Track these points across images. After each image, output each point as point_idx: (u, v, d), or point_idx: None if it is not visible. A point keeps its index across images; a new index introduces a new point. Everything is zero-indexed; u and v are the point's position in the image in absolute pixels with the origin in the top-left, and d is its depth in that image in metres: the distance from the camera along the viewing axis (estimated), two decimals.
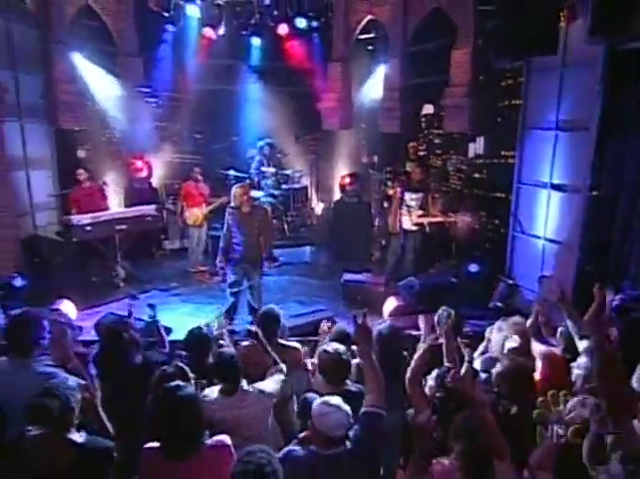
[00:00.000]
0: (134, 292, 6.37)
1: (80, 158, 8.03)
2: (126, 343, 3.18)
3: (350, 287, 6.67)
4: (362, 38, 8.91)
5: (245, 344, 3.68)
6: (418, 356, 2.77)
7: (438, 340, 2.98)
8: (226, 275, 5.68)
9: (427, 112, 8.51)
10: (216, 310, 4.14)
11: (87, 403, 2.51)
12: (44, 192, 7.52)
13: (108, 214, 7.07)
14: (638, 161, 4.80)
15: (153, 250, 8.48)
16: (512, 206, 6.64)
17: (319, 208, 10.15)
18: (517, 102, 6.49)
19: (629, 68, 4.76)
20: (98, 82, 7.98)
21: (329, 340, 3.45)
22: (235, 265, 5.60)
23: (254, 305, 5.59)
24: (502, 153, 6.95)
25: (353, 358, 2.98)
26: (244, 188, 5.62)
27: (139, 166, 8.53)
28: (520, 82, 6.38)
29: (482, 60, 6.71)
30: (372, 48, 9.17)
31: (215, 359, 3.05)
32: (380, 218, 8.54)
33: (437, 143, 8.47)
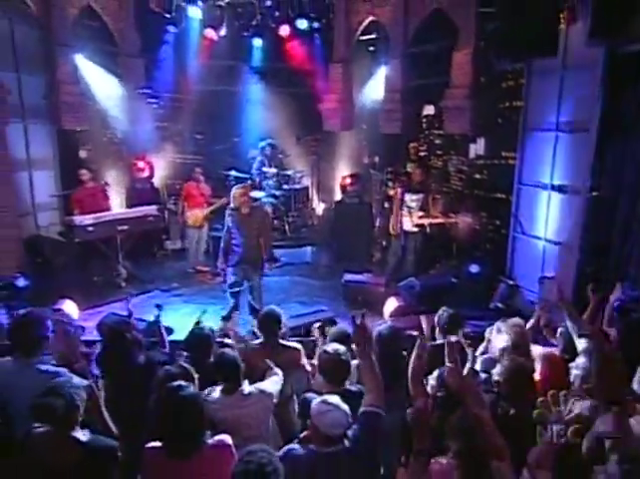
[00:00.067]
0: (132, 293, 6.36)
1: (82, 158, 8.04)
2: (128, 343, 3.19)
3: (351, 288, 6.70)
4: (363, 39, 8.91)
5: (247, 345, 3.70)
6: (414, 356, 2.79)
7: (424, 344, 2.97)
8: (227, 276, 5.70)
9: (427, 113, 8.48)
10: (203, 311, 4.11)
11: (91, 403, 2.53)
12: (46, 192, 7.55)
13: (110, 214, 7.09)
14: (638, 163, 4.80)
15: (154, 251, 8.49)
16: (513, 206, 6.65)
17: (320, 208, 10.14)
18: (518, 103, 6.50)
19: (629, 70, 4.77)
20: (99, 82, 8.00)
21: (329, 341, 3.47)
22: (235, 266, 5.61)
23: (255, 306, 5.61)
24: (503, 154, 6.96)
25: (353, 359, 2.99)
26: (243, 189, 5.62)
27: (140, 166, 8.52)
28: (521, 84, 6.40)
29: (483, 61, 6.73)
30: (373, 49, 9.17)
31: (216, 359, 3.07)
32: (381, 218, 8.56)
33: (437, 144, 8.45)
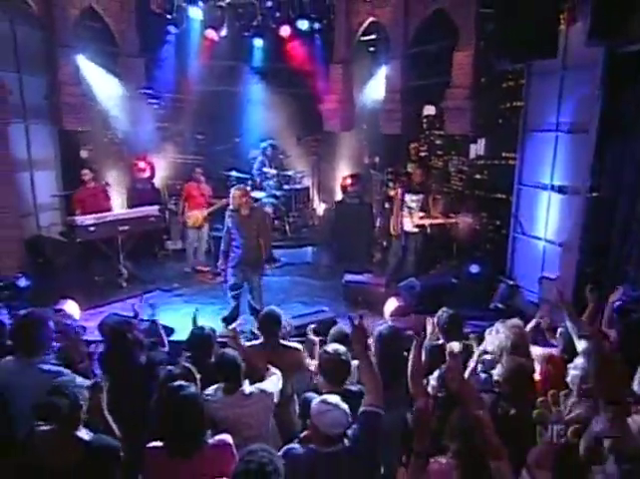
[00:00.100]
0: (142, 296, 6.36)
1: (83, 158, 8.05)
2: (130, 344, 3.21)
3: (351, 288, 6.71)
4: (363, 40, 8.92)
5: (250, 345, 3.71)
6: (413, 356, 2.80)
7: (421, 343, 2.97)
8: (227, 277, 5.71)
9: (428, 113, 8.49)
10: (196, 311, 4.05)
11: (93, 403, 2.54)
12: (48, 192, 7.58)
13: (111, 214, 7.10)
14: (637, 163, 4.81)
15: (155, 251, 8.51)
16: (513, 207, 6.67)
17: (321, 208, 10.15)
18: (518, 104, 6.52)
19: (628, 71, 4.78)
20: (100, 83, 8.01)
21: (329, 341, 3.48)
22: (235, 268, 5.63)
23: (256, 306, 5.63)
24: (503, 154, 6.97)
25: (354, 359, 3.00)
26: (242, 190, 5.64)
27: (141, 166, 8.54)
28: (521, 84, 6.42)
29: (484, 62, 6.74)
30: (373, 50, 9.18)
31: (217, 359, 3.08)
32: (381, 219, 8.57)
33: (438, 144, 8.47)
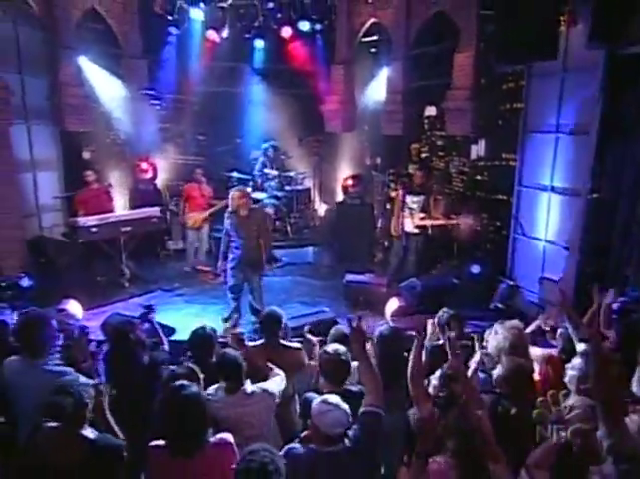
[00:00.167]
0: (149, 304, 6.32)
1: (85, 159, 8.07)
2: (132, 344, 3.23)
3: (352, 289, 6.72)
4: (365, 41, 8.94)
5: (252, 345, 3.72)
6: (412, 356, 2.81)
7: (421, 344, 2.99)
8: (227, 278, 5.73)
9: (429, 114, 8.50)
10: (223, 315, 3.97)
11: (96, 403, 2.56)
12: (50, 193, 7.59)
13: (113, 215, 7.12)
14: (637, 165, 4.83)
15: (157, 251, 8.52)
16: (514, 208, 6.68)
17: (322, 209, 10.16)
18: (519, 105, 6.53)
19: (629, 72, 4.79)
20: (102, 84, 8.03)
21: (329, 342, 3.50)
22: (235, 269, 5.64)
23: (256, 307, 5.64)
24: (504, 155, 6.99)
25: (354, 360, 3.02)
26: (241, 191, 5.64)
27: (143, 167, 8.54)
28: (522, 85, 6.42)
29: (484, 63, 6.77)
30: (375, 51, 9.19)
31: (219, 359, 3.09)
32: (382, 219, 8.58)
33: (439, 144, 8.48)
